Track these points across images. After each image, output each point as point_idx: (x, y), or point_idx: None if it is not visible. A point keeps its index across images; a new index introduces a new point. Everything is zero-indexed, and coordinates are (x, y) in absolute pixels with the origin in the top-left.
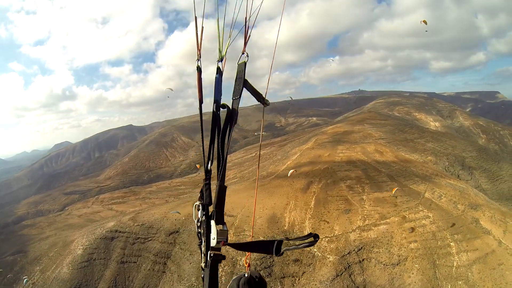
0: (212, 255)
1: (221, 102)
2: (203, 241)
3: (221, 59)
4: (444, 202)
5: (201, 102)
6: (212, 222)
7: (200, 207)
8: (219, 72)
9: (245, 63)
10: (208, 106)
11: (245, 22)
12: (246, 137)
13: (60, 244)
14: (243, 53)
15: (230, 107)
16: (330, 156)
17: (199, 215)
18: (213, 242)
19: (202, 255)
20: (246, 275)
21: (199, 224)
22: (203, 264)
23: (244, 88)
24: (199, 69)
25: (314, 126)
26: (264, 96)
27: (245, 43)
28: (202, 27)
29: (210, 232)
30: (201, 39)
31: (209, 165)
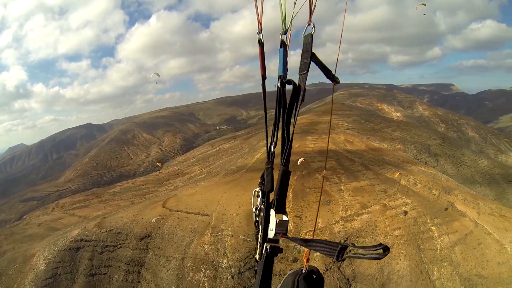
0: (268, 247)
1: (287, 78)
2: (260, 231)
3: (285, 32)
4: (419, 188)
5: (264, 77)
6: (272, 211)
7: (260, 194)
8: (283, 45)
9: (312, 35)
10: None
11: None
12: (208, 131)
13: (19, 260)
14: (309, 24)
15: (297, 83)
16: (301, 147)
17: (258, 203)
18: (270, 234)
19: (258, 246)
20: (303, 271)
21: (257, 212)
22: (257, 256)
23: (312, 62)
24: (260, 43)
25: (273, 121)
26: (334, 72)
27: (311, 14)
28: None
29: (269, 222)
30: (262, 11)
31: (272, 147)
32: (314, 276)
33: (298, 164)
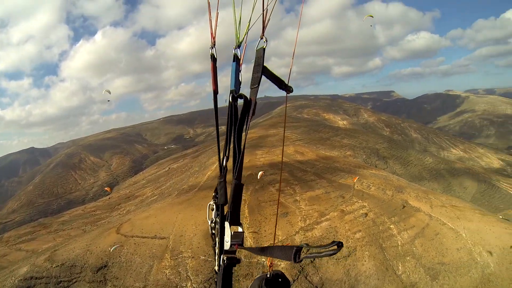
0: (225, 259)
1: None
2: (216, 243)
3: (238, 46)
4: (374, 190)
5: (216, 92)
6: (226, 224)
7: (214, 207)
8: (236, 59)
9: (263, 49)
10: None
11: (263, 5)
12: (157, 151)
13: None
14: (261, 38)
15: (248, 97)
16: (251, 162)
17: (213, 216)
18: (226, 245)
19: (216, 257)
20: (268, 275)
21: (213, 225)
22: (216, 268)
23: (263, 76)
24: (213, 58)
25: (224, 135)
26: (286, 82)
27: (264, 28)
28: (217, 12)
29: (224, 235)
30: (216, 25)
31: (224, 161)
32: (280, 280)
33: (258, 177)
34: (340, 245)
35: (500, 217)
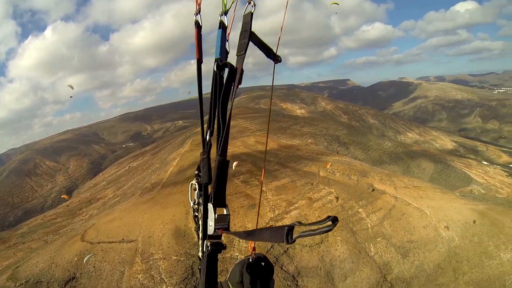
0: (209, 244)
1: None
2: (200, 227)
3: (225, 13)
4: (338, 176)
5: (199, 61)
6: (210, 206)
7: (197, 187)
8: (222, 27)
9: (251, 13)
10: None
11: None
12: (115, 150)
13: None
14: (249, 3)
15: (234, 65)
16: (213, 155)
17: (196, 196)
18: (210, 230)
19: (200, 242)
20: (250, 260)
21: (195, 207)
22: (200, 254)
23: (250, 42)
24: (198, 25)
25: (182, 129)
26: (275, 52)
27: None
28: None
29: (207, 218)
30: None
31: (207, 136)
32: (263, 264)
33: (233, 168)
34: (335, 220)
35: (457, 194)
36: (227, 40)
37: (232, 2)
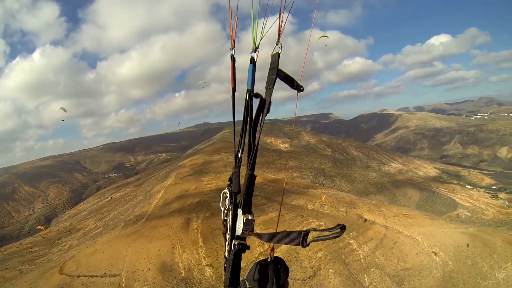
0: (236, 244)
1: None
2: (228, 230)
3: (254, 50)
4: (327, 209)
5: (234, 90)
6: (239, 211)
7: (228, 195)
8: (253, 62)
9: (278, 54)
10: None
11: (279, 13)
12: (97, 180)
13: None
14: (277, 44)
15: (263, 97)
16: (198, 189)
17: (227, 203)
18: (238, 231)
19: (226, 243)
20: (268, 259)
21: (225, 212)
22: (226, 254)
23: (278, 78)
24: (233, 58)
25: (166, 162)
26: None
27: (279, 34)
28: (237, 16)
29: (236, 221)
30: (236, 28)
31: (239, 153)
32: (279, 267)
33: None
34: (343, 228)
35: (446, 219)
36: (255, 73)
37: (261, 39)
